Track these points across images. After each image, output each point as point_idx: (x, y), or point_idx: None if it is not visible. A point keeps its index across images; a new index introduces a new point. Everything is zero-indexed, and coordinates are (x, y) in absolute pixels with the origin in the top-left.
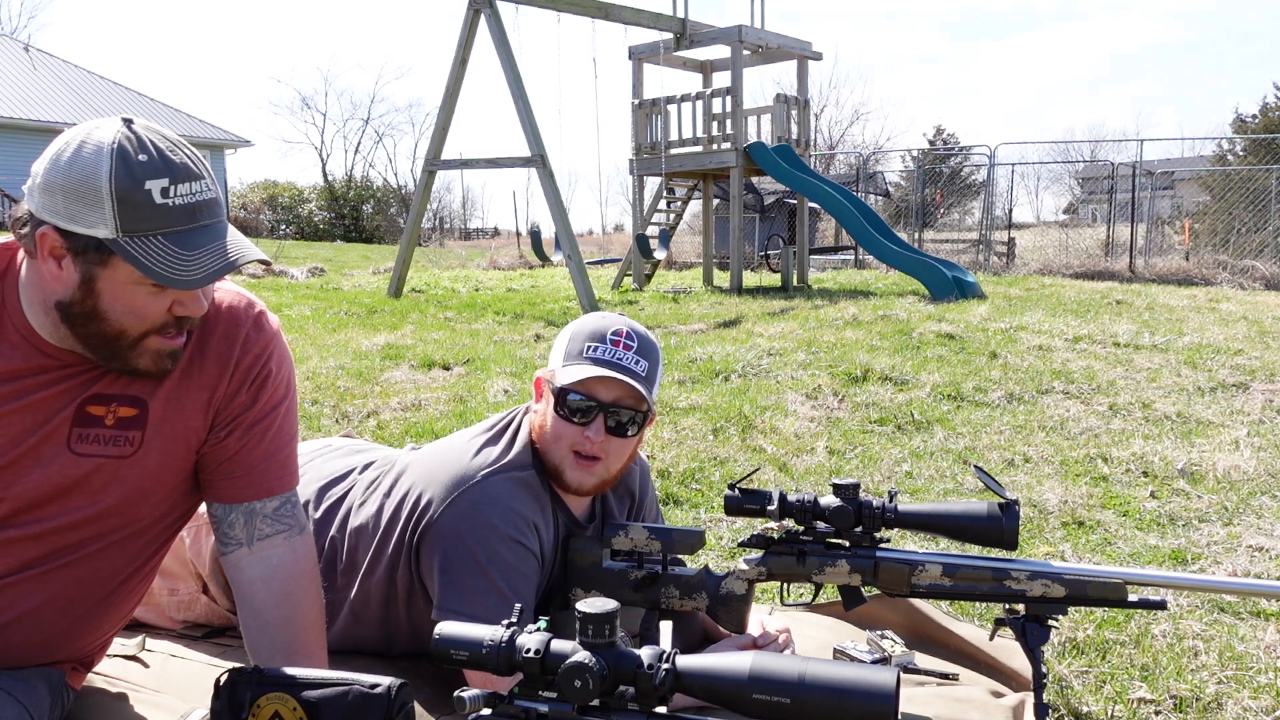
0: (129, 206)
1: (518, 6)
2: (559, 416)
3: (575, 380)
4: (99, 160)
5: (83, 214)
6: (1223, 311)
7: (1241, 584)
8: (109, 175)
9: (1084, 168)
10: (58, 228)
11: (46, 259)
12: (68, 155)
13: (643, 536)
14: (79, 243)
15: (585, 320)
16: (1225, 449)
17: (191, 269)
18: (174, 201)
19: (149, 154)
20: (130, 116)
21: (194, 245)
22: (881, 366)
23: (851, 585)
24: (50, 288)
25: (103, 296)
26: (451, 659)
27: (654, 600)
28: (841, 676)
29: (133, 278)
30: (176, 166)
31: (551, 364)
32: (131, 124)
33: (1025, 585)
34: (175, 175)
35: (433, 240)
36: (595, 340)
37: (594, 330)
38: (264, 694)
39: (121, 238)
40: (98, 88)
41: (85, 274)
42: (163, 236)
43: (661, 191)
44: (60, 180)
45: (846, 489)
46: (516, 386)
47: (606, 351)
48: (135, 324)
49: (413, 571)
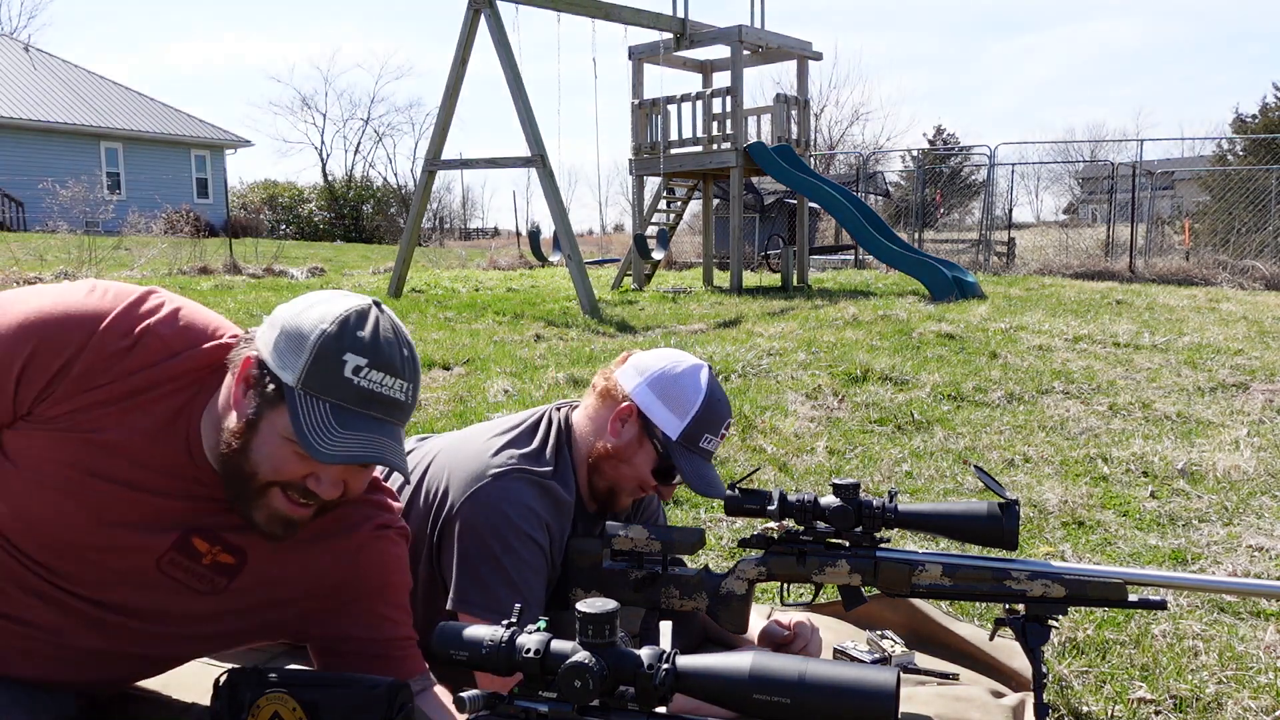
0: (319, 366)
1: (518, 6)
2: (653, 476)
3: (692, 478)
4: (324, 320)
5: (285, 356)
6: (1223, 311)
7: (1241, 584)
8: (321, 333)
9: (1084, 168)
10: (260, 358)
11: (239, 382)
12: (308, 304)
13: (643, 536)
14: (266, 379)
15: (704, 390)
16: (1225, 449)
17: (333, 445)
18: (359, 381)
19: (365, 334)
20: (381, 301)
21: (351, 427)
22: (881, 366)
23: (851, 585)
24: (226, 409)
25: (258, 435)
26: (451, 659)
27: (654, 600)
28: (841, 676)
29: (287, 431)
30: (382, 354)
31: (659, 414)
32: (379, 307)
33: (1025, 585)
34: (375, 361)
35: (433, 240)
36: (712, 433)
37: (714, 418)
38: (264, 694)
39: (299, 390)
40: (98, 88)
41: (256, 409)
42: (329, 406)
43: (661, 191)
44: (286, 321)
45: (846, 489)
46: (516, 386)
47: (714, 444)
48: (268, 471)
49: (434, 565)
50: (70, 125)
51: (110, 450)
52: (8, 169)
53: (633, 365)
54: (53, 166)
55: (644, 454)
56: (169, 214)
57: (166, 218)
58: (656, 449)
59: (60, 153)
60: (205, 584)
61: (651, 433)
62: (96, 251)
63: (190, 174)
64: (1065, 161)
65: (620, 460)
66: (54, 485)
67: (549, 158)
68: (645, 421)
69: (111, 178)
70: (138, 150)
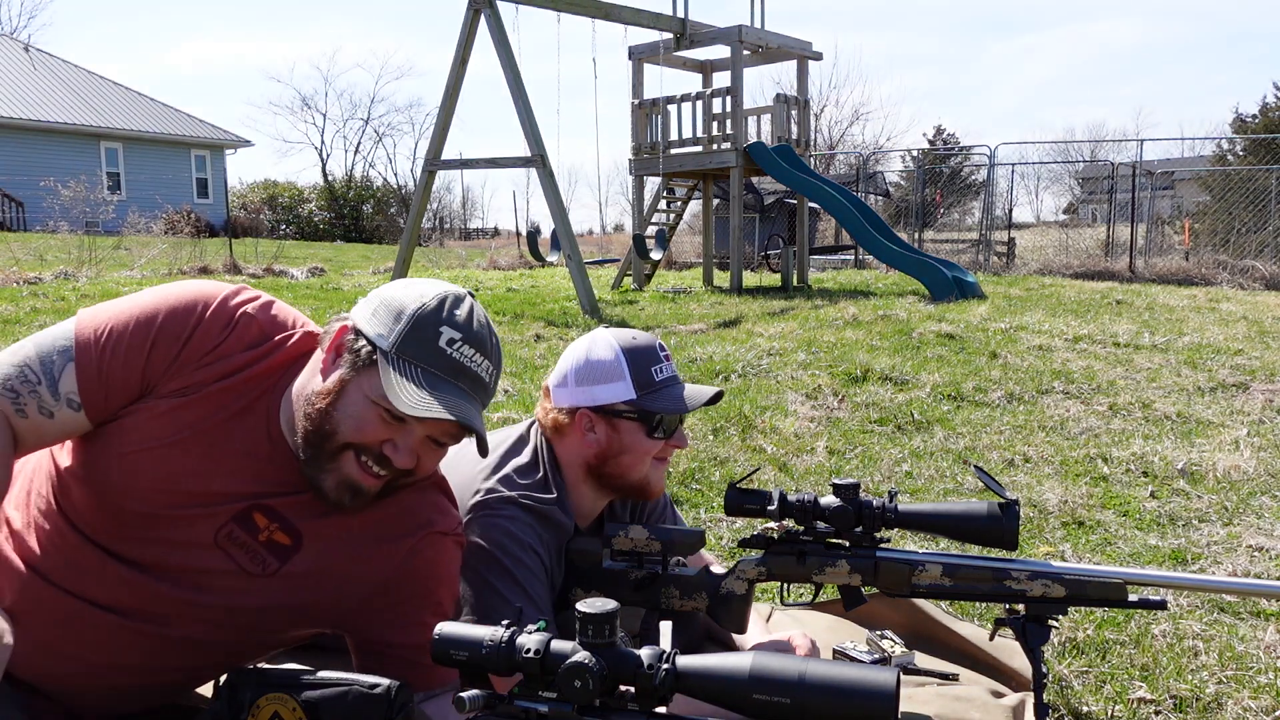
0: (416, 333)
1: (518, 6)
2: (650, 438)
3: (673, 405)
4: (425, 295)
5: (380, 322)
6: (1223, 311)
7: (1242, 584)
8: (420, 304)
9: (1084, 168)
10: (354, 326)
11: (330, 349)
12: (405, 284)
13: (643, 537)
14: (359, 342)
15: (624, 340)
16: (1225, 449)
17: (418, 402)
18: (451, 352)
19: (461, 314)
20: (474, 291)
21: (440, 391)
22: (881, 366)
23: (851, 585)
24: (309, 378)
25: (342, 398)
26: (451, 659)
27: (654, 600)
28: (841, 676)
29: (374, 393)
30: (474, 335)
31: (604, 394)
32: (474, 295)
33: (1025, 585)
34: (468, 339)
35: (433, 240)
36: (654, 363)
37: (645, 354)
38: (264, 694)
39: (393, 353)
40: (98, 88)
41: (346, 370)
42: (422, 371)
43: (661, 191)
44: (384, 296)
45: (846, 489)
46: (516, 386)
47: (668, 369)
48: (349, 430)
49: None
50: (70, 125)
51: (196, 425)
52: (8, 169)
53: (554, 387)
54: (53, 166)
55: (627, 433)
56: (169, 214)
57: (166, 218)
58: (630, 418)
59: (60, 153)
60: (257, 563)
61: (615, 413)
62: (97, 251)
63: (190, 174)
64: (1065, 161)
65: (617, 455)
66: (136, 450)
67: (549, 158)
68: (603, 411)
69: (111, 178)
70: (138, 150)
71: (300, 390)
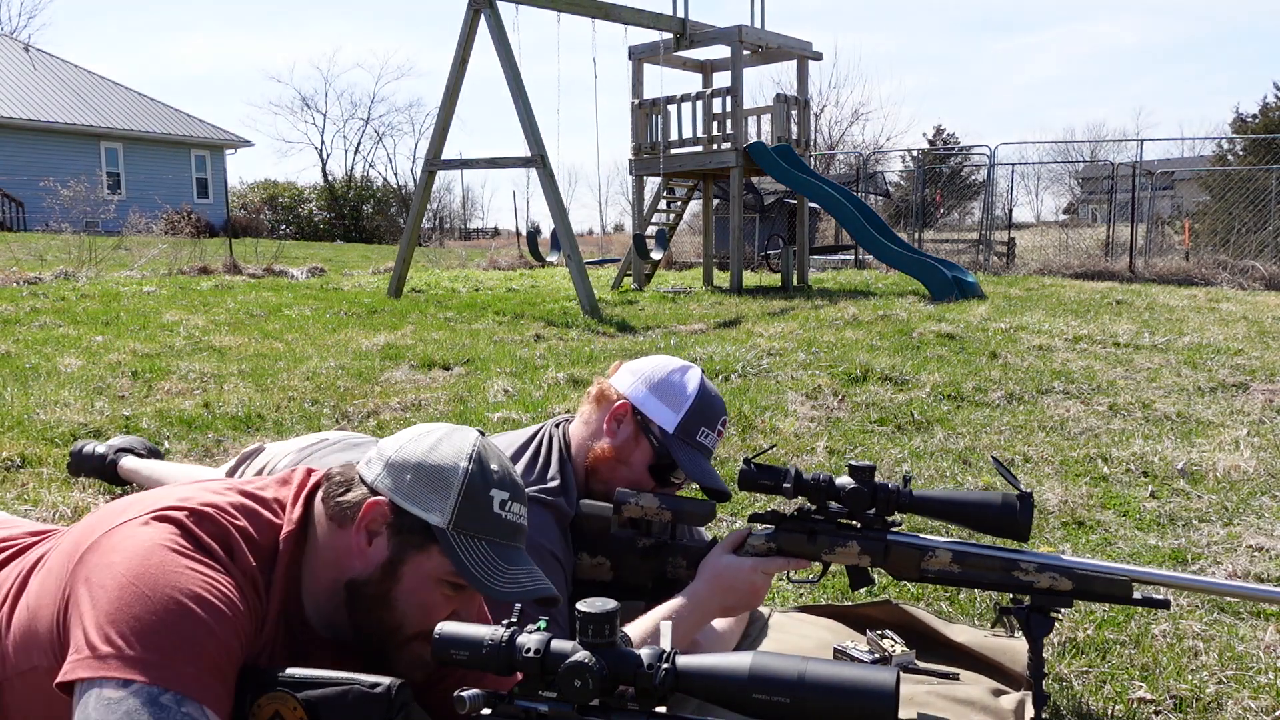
0: (470, 504)
1: (518, 6)
2: (652, 475)
3: (690, 467)
4: (459, 456)
5: (425, 497)
6: (1223, 311)
7: (1247, 589)
8: (465, 471)
9: (1084, 168)
10: (393, 503)
11: (361, 531)
12: (430, 441)
13: (653, 505)
14: (406, 521)
15: (697, 385)
16: (1225, 449)
17: (507, 582)
18: (506, 515)
19: (499, 468)
20: (483, 430)
21: (512, 561)
22: (881, 366)
23: (860, 566)
24: (346, 563)
25: (401, 583)
26: (451, 659)
27: (660, 570)
28: (841, 676)
29: (440, 572)
30: (516, 487)
31: (653, 408)
32: (484, 436)
33: (1033, 577)
34: (514, 494)
35: (433, 240)
36: (709, 427)
37: (710, 413)
38: (264, 694)
39: (451, 530)
40: (98, 88)
41: (396, 555)
42: (488, 543)
43: (661, 191)
44: (416, 460)
45: (862, 470)
46: (516, 387)
47: (712, 441)
48: (417, 620)
49: None
50: (70, 125)
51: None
52: (8, 169)
53: (626, 369)
54: (53, 166)
55: (640, 451)
56: (169, 214)
57: (166, 218)
58: (653, 444)
59: (60, 153)
60: None
61: (648, 429)
62: (97, 251)
63: (190, 174)
64: (1065, 161)
65: (618, 461)
66: None
67: (549, 158)
68: (641, 418)
69: (112, 178)
70: (138, 150)
71: (329, 581)
